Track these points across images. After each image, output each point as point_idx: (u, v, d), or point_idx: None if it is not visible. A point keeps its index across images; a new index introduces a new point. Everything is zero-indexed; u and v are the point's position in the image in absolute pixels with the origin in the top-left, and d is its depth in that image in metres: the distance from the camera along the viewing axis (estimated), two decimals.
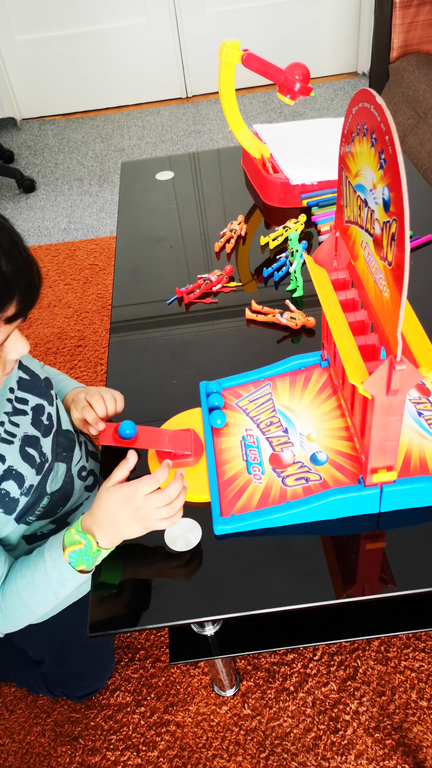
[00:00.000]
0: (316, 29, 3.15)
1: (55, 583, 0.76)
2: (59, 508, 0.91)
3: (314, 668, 1.18)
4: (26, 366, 0.89)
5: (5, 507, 0.78)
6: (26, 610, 0.78)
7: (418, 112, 2.06)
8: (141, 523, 0.73)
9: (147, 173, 1.52)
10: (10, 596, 0.77)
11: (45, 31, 3.02)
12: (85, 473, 0.97)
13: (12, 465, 0.79)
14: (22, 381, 0.87)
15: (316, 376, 0.92)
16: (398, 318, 0.59)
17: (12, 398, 0.83)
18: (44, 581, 0.76)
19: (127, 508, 0.72)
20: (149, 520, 0.72)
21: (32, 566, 0.77)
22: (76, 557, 0.74)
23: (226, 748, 1.11)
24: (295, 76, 1.20)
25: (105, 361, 1.85)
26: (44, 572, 0.76)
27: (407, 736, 1.09)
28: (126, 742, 1.14)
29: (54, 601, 0.78)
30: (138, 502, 0.72)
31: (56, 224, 2.52)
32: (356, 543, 0.75)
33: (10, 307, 0.64)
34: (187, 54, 3.16)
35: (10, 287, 0.63)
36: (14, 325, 0.67)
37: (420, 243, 1.19)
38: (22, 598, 0.77)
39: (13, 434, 0.81)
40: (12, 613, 0.78)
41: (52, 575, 0.75)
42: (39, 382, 0.89)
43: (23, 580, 0.77)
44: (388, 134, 0.55)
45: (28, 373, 0.88)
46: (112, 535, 0.74)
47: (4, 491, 0.78)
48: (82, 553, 0.74)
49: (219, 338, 1.05)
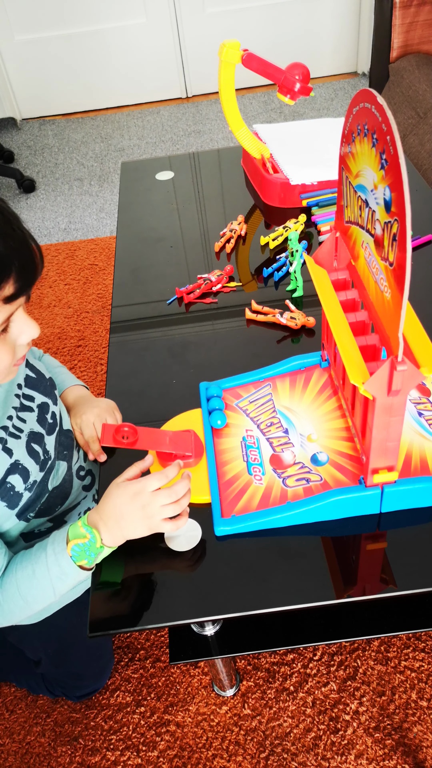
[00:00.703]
0: (316, 29, 3.15)
1: (55, 578, 0.76)
2: (57, 507, 0.91)
3: (314, 668, 1.18)
4: (32, 364, 0.90)
5: (9, 501, 0.79)
6: (23, 604, 0.78)
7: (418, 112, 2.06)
8: (146, 522, 0.73)
9: (147, 173, 1.52)
10: (9, 588, 0.77)
11: (45, 31, 3.02)
12: (83, 473, 0.97)
13: (19, 459, 0.79)
14: (29, 378, 0.87)
15: (316, 377, 0.92)
16: (399, 318, 0.59)
17: (20, 394, 0.84)
18: (44, 575, 0.76)
19: (134, 504, 0.72)
20: (154, 519, 0.73)
21: (33, 559, 0.77)
22: (78, 551, 0.74)
23: (226, 748, 1.11)
24: (295, 76, 1.20)
25: (105, 361, 1.85)
26: (45, 566, 0.76)
27: (407, 736, 1.09)
28: (126, 742, 1.14)
29: (52, 596, 0.78)
30: (145, 499, 0.72)
31: (56, 224, 2.52)
32: (357, 543, 0.75)
33: (7, 286, 0.64)
34: (187, 54, 3.16)
35: (5, 264, 0.62)
36: (15, 305, 0.66)
37: (420, 243, 1.19)
38: (20, 591, 0.77)
39: (20, 429, 0.81)
40: (9, 606, 0.78)
41: (52, 570, 0.75)
42: (44, 381, 0.90)
43: (23, 572, 0.77)
44: (389, 134, 0.55)
45: (34, 372, 0.89)
46: (117, 533, 0.74)
47: (9, 485, 0.78)
48: (85, 548, 0.73)
49: (219, 338, 1.05)
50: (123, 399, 0.96)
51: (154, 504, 0.72)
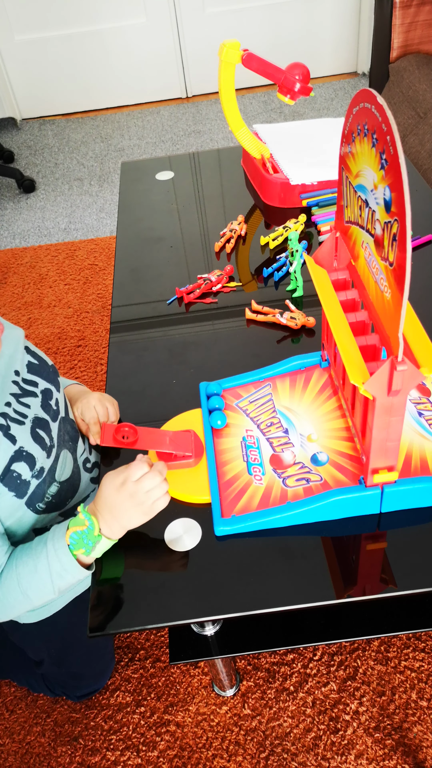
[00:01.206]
0: (316, 29, 3.15)
1: (55, 574, 0.76)
2: (68, 500, 0.91)
3: (314, 668, 1.18)
4: (34, 351, 0.91)
5: (17, 490, 0.79)
6: (24, 598, 0.78)
7: (418, 112, 2.06)
8: (138, 509, 0.73)
9: (147, 173, 1.52)
10: (9, 583, 0.77)
11: (45, 31, 3.02)
12: (90, 465, 0.97)
13: (23, 446, 0.79)
14: (32, 365, 0.88)
15: (316, 377, 0.92)
16: (399, 318, 0.59)
17: (18, 380, 0.84)
18: (45, 570, 0.76)
19: (121, 495, 0.73)
20: (145, 505, 0.73)
21: (34, 554, 0.77)
22: (77, 538, 0.74)
23: (226, 748, 1.11)
24: (295, 76, 1.20)
25: (105, 361, 1.85)
26: (46, 561, 0.76)
27: (407, 736, 1.09)
28: (126, 742, 1.14)
29: (51, 592, 0.78)
30: (131, 488, 0.73)
31: (56, 224, 2.52)
32: (357, 543, 0.75)
33: None
34: (187, 54, 3.16)
35: None
36: None
37: (420, 243, 1.19)
38: (21, 586, 0.77)
39: (24, 415, 0.81)
40: (9, 600, 0.78)
41: (53, 565, 0.76)
42: (47, 368, 0.91)
43: (25, 567, 0.77)
44: (389, 134, 0.55)
45: (37, 358, 0.90)
46: (113, 524, 0.74)
47: (15, 473, 0.78)
48: (83, 535, 0.74)
49: (219, 338, 1.05)
50: (123, 399, 0.96)
51: (140, 491, 0.73)
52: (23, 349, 0.88)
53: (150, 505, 0.73)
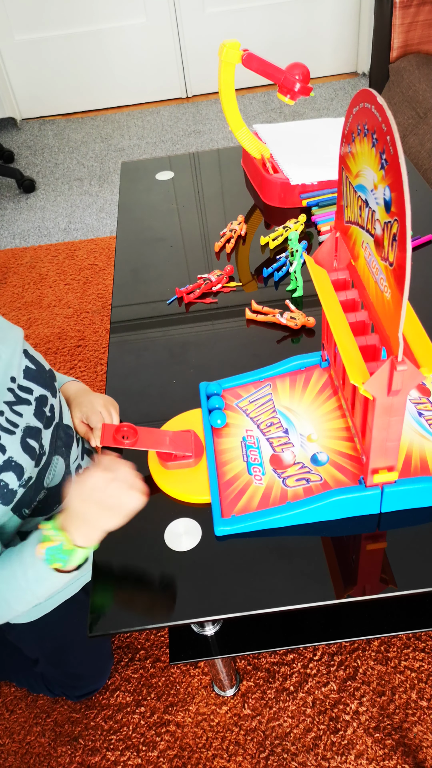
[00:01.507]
0: (316, 29, 3.15)
1: (32, 582, 0.75)
2: (55, 506, 0.91)
3: (314, 668, 1.18)
4: (32, 356, 0.89)
5: (2, 498, 0.78)
6: (5, 605, 0.77)
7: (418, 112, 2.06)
8: (110, 512, 0.70)
9: (147, 173, 1.52)
10: None
11: (45, 31, 3.02)
12: (82, 471, 0.97)
13: (12, 456, 0.78)
14: (29, 370, 0.86)
15: (316, 377, 0.92)
16: (399, 318, 0.59)
17: (13, 387, 0.83)
18: (23, 578, 0.75)
19: (89, 505, 0.71)
20: (116, 508, 0.70)
21: (14, 562, 0.76)
22: (50, 554, 0.72)
23: (226, 748, 1.11)
24: (295, 76, 1.20)
25: (105, 361, 1.85)
26: (22, 569, 0.75)
27: (407, 736, 1.09)
28: (126, 742, 1.14)
29: (33, 599, 0.77)
30: (95, 496, 0.70)
31: (56, 224, 2.52)
32: (357, 543, 0.75)
33: None
34: (187, 54, 3.16)
35: None
36: None
37: (420, 243, 1.19)
38: (1, 593, 0.76)
39: (15, 424, 0.80)
40: None
41: (29, 573, 0.75)
42: (44, 373, 0.89)
43: (2, 573, 0.76)
44: (389, 134, 0.55)
45: (34, 363, 0.88)
46: (88, 530, 0.72)
47: (3, 483, 0.77)
48: (55, 551, 0.72)
49: (219, 338, 1.05)
50: (123, 399, 0.96)
51: (107, 499, 0.70)
52: (21, 353, 0.86)
53: (121, 508, 0.70)
